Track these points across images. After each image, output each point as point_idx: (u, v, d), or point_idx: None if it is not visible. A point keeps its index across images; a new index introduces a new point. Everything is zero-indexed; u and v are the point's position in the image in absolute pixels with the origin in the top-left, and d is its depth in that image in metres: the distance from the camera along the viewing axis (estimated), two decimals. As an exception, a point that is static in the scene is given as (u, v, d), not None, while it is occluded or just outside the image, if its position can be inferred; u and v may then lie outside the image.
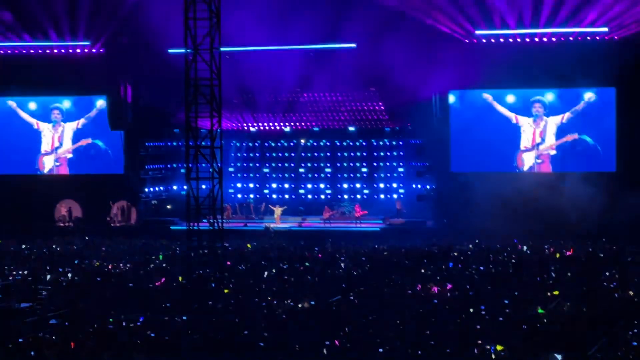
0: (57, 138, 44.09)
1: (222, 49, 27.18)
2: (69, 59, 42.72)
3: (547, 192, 37.96)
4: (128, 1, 40.21)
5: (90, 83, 42.41)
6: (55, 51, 42.81)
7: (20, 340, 17.16)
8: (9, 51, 43.15)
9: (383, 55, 38.24)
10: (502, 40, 39.35)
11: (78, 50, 42.63)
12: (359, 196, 46.25)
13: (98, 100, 43.35)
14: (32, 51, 42.99)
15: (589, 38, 38.65)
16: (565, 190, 37.39)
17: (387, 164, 46.46)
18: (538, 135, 40.05)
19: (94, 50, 42.51)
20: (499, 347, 16.00)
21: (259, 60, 41.21)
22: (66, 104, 44.08)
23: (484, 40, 39.46)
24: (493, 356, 15.60)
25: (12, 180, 43.46)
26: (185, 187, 27.56)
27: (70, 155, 44.11)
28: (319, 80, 41.47)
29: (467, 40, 39.46)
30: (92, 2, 41.01)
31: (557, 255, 29.55)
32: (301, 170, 47.53)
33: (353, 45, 39.89)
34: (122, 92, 41.66)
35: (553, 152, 40.03)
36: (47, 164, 44.32)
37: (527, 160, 40.35)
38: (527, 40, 39.19)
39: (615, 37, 38.39)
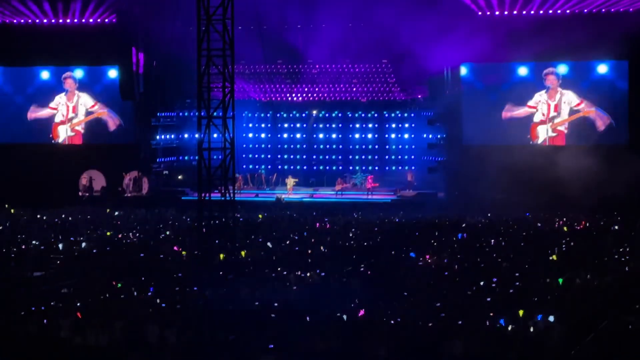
0: (72, 108, 43.95)
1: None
2: (81, 28, 42.59)
3: (559, 164, 37.77)
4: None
5: (102, 53, 42.31)
6: (69, 21, 42.71)
7: (33, 308, 17.28)
8: (22, 21, 43.07)
9: (396, 27, 38.06)
10: (515, 12, 39.11)
11: (91, 20, 42.53)
12: (370, 168, 46.22)
13: (110, 70, 43.26)
14: (45, 21, 42.90)
15: (603, 10, 38.38)
16: (576, 163, 37.17)
17: (399, 135, 46.41)
18: (553, 108, 39.84)
19: (106, 21, 42.40)
20: (520, 312, 16.11)
21: (274, 31, 41.04)
22: (78, 73, 43.96)
23: (497, 13, 39.21)
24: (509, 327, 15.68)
25: (27, 149, 43.30)
26: (196, 157, 27.47)
27: (83, 131, 43.98)
28: (330, 52, 41.26)
29: (480, 13, 39.23)
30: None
31: (567, 229, 29.57)
32: (313, 141, 47.47)
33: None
34: (134, 62, 41.56)
35: (566, 131, 39.87)
36: (61, 133, 44.23)
37: (541, 133, 40.17)
38: (541, 12, 38.93)
39: (630, 10, 38.10)
